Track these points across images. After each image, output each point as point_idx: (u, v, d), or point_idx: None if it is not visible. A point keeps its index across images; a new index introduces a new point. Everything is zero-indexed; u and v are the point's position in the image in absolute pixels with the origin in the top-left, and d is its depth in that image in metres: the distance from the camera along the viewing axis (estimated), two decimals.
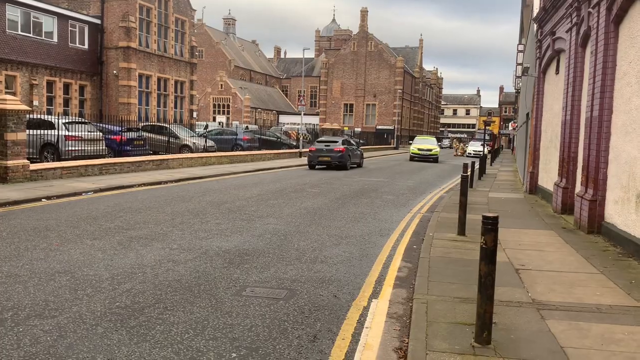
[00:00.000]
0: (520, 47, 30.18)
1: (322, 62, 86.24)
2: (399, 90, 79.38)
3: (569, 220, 10.98)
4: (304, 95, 46.06)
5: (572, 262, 7.47)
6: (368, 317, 5.25)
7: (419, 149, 37.15)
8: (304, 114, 42.32)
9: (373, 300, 5.78)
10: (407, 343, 4.53)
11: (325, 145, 25.31)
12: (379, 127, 77.36)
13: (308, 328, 4.89)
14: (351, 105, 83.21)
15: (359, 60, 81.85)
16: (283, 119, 79.85)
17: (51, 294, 5.50)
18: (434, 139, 42.25)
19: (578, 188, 10.85)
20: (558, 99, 13.74)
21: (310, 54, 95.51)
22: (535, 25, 17.28)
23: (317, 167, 25.45)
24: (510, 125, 73.39)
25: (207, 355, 4.23)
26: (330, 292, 5.98)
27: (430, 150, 36.95)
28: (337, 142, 25.87)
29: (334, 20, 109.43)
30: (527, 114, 21.60)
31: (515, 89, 39.18)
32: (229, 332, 4.70)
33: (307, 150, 27.66)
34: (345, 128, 57.63)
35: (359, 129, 68.59)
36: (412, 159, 37.14)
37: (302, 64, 52.48)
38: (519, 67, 28.54)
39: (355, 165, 27.46)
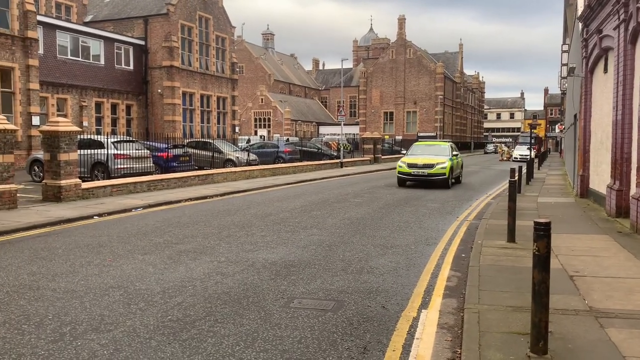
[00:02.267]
0: (565, 47, 29.38)
1: (361, 72, 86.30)
2: (440, 96, 78.50)
3: (624, 224, 10.55)
4: (343, 106, 46.15)
5: (631, 267, 7.17)
6: (418, 328, 5.17)
7: (409, 165, 20.44)
8: (344, 124, 42.39)
9: (423, 310, 5.69)
10: (460, 354, 4.43)
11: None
12: (421, 134, 76.55)
13: (357, 339, 4.86)
14: (391, 113, 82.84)
15: (398, 67, 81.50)
16: (323, 129, 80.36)
17: (106, 308, 5.67)
18: (447, 145, 22.77)
19: (633, 190, 10.42)
20: (608, 99, 13.28)
21: (349, 64, 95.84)
22: (580, 24, 16.80)
23: None
24: (557, 128, 71.41)
25: None
26: (378, 302, 5.93)
27: (431, 166, 20.05)
28: None
29: (371, 29, 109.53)
30: (575, 115, 20.95)
31: (560, 90, 37.96)
32: (278, 344, 4.71)
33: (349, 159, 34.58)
34: (386, 137, 57.34)
35: (400, 137, 68.12)
36: (400, 183, 20.74)
37: (341, 75, 52.63)
38: (564, 68, 27.78)
39: None
